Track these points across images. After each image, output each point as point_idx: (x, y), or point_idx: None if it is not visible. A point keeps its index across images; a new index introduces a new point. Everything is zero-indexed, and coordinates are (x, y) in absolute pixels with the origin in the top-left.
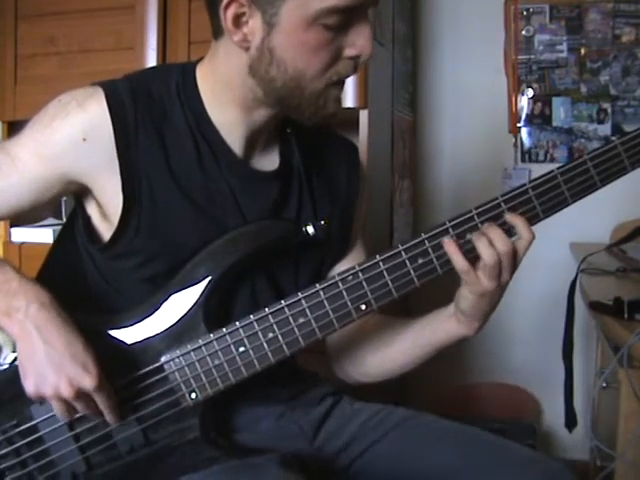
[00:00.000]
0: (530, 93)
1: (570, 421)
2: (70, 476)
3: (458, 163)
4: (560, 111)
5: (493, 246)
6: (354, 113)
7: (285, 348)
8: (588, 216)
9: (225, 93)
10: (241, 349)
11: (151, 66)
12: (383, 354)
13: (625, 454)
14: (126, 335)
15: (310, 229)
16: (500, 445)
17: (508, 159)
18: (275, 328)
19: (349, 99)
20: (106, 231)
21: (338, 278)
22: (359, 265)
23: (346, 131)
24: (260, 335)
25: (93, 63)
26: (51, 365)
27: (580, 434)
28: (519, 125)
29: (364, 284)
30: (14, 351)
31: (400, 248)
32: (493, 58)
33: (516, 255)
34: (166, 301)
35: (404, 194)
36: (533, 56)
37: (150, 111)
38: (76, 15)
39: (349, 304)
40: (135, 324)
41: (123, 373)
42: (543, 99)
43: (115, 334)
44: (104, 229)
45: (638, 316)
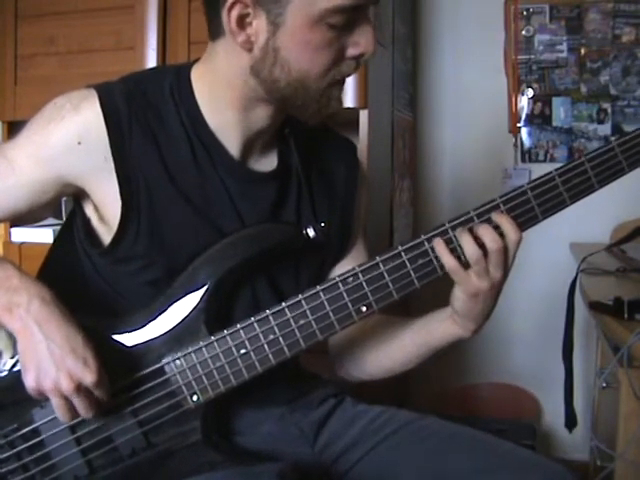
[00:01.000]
0: (530, 93)
1: (570, 421)
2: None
3: (458, 163)
4: (560, 111)
5: (478, 243)
6: (354, 113)
7: (286, 350)
8: (588, 216)
9: (223, 94)
10: (242, 351)
11: (146, 68)
12: (382, 353)
13: (625, 454)
14: (127, 338)
15: (310, 232)
16: (501, 448)
17: (508, 159)
18: (276, 330)
19: (349, 99)
20: (105, 234)
21: (339, 279)
22: (359, 266)
23: (346, 131)
24: (261, 337)
25: (93, 63)
26: (52, 360)
27: (580, 434)
28: (519, 125)
29: (365, 285)
30: (13, 357)
31: (400, 249)
32: (493, 58)
33: (506, 253)
34: (167, 306)
35: (404, 194)
36: (533, 56)
37: (145, 113)
38: (76, 15)
39: (350, 306)
40: (137, 328)
41: (124, 376)
42: (543, 99)
43: (116, 337)
44: (103, 232)
45: (638, 316)
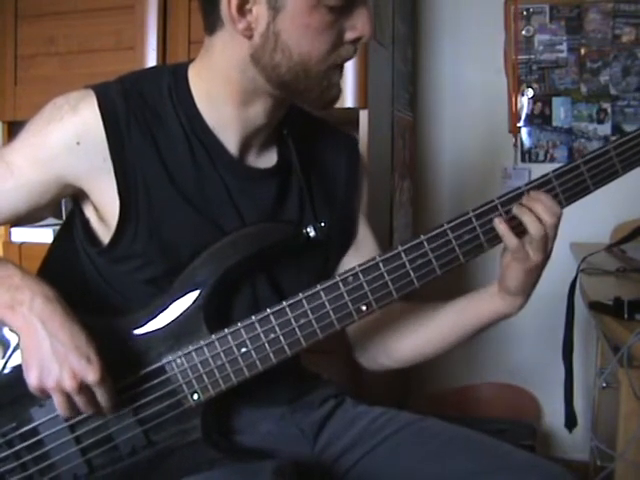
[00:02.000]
0: (530, 93)
1: (570, 421)
2: (71, 479)
3: (458, 163)
4: (560, 111)
5: (540, 220)
6: (354, 113)
7: (287, 349)
8: (588, 216)
9: (220, 89)
10: (243, 350)
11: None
12: (418, 337)
13: (625, 454)
14: (127, 337)
15: (311, 232)
16: (500, 449)
17: (508, 159)
18: (277, 329)
19: (349, 99)
20: (104, 234)
21: (339, 279)
22: (360, 266)
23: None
24: (262, 336)
25: (93, 63)
26: (55, 357)
27: (580, 434)
28: (519, 125)
29: (365, 285)
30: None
31: (400, 249)
32: (493, 58)
33: (556, 227)
34: (167, 304)
35: (404, 194)
36: (533, 56)
37: (143, 113)
38: (76, 15)
39: (350, 305)
40: (137, 327)
41: (125, 375)
42: (543, 99)
43: (116, 336)
44: (102, 232)
45: (638, 316)
